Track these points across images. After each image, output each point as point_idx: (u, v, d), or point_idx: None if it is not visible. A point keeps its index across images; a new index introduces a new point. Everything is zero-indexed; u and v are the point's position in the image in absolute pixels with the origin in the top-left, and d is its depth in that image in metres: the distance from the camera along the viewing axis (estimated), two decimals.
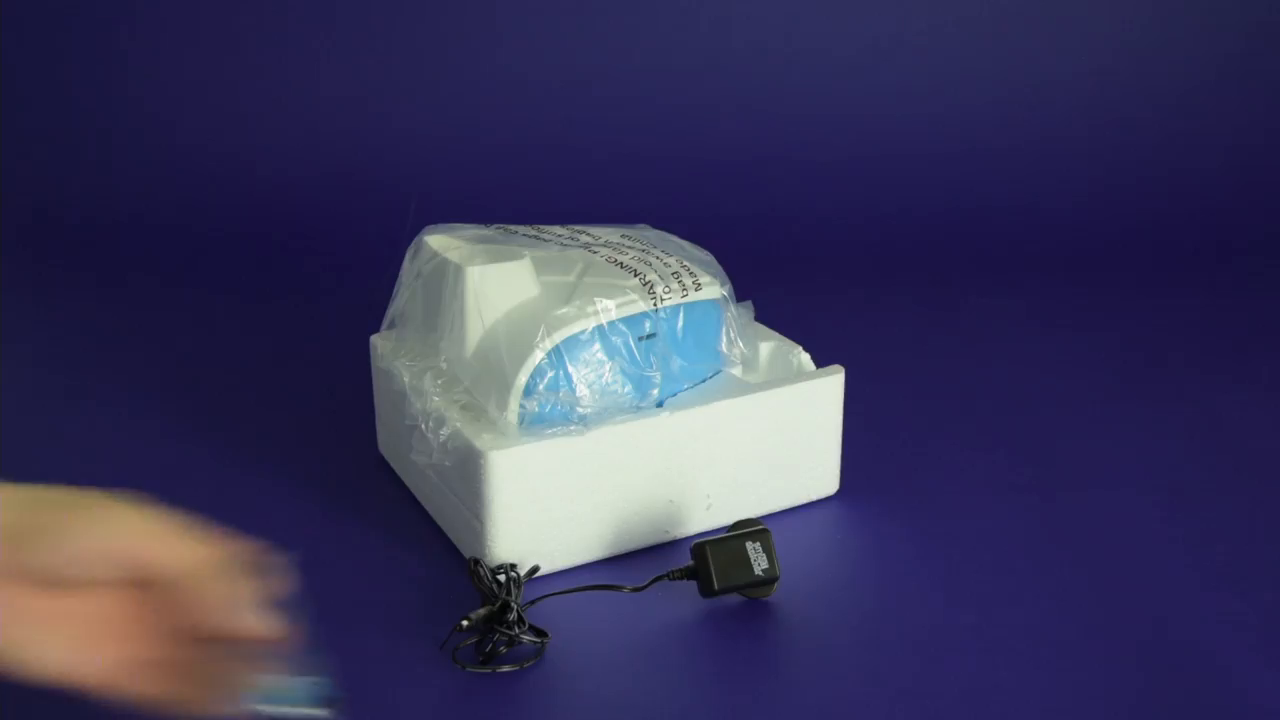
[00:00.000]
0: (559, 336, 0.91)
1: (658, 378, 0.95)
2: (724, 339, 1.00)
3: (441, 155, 1.86)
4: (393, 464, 1.12)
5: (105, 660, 0.62)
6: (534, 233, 1.05)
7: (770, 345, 1.08)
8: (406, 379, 0.99)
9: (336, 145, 1.87)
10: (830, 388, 1.03)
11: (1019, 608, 0.93)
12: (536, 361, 0.90)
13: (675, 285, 0.96)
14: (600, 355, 0.93)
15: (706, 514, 1.01)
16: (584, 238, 1.04)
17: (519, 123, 1.88)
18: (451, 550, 1.00)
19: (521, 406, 0.91)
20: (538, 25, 1.88)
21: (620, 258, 0.99)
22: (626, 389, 0.94)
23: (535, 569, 0.92)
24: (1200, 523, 1.05)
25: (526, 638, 0.86)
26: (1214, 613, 0.92)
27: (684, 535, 1.00)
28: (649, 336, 0.94)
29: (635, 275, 0.96)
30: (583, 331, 0.92)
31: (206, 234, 1.78)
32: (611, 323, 0.93)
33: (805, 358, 1.06)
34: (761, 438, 1.01)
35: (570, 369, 0.92)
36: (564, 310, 0.92)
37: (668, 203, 1.73)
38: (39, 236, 1.78)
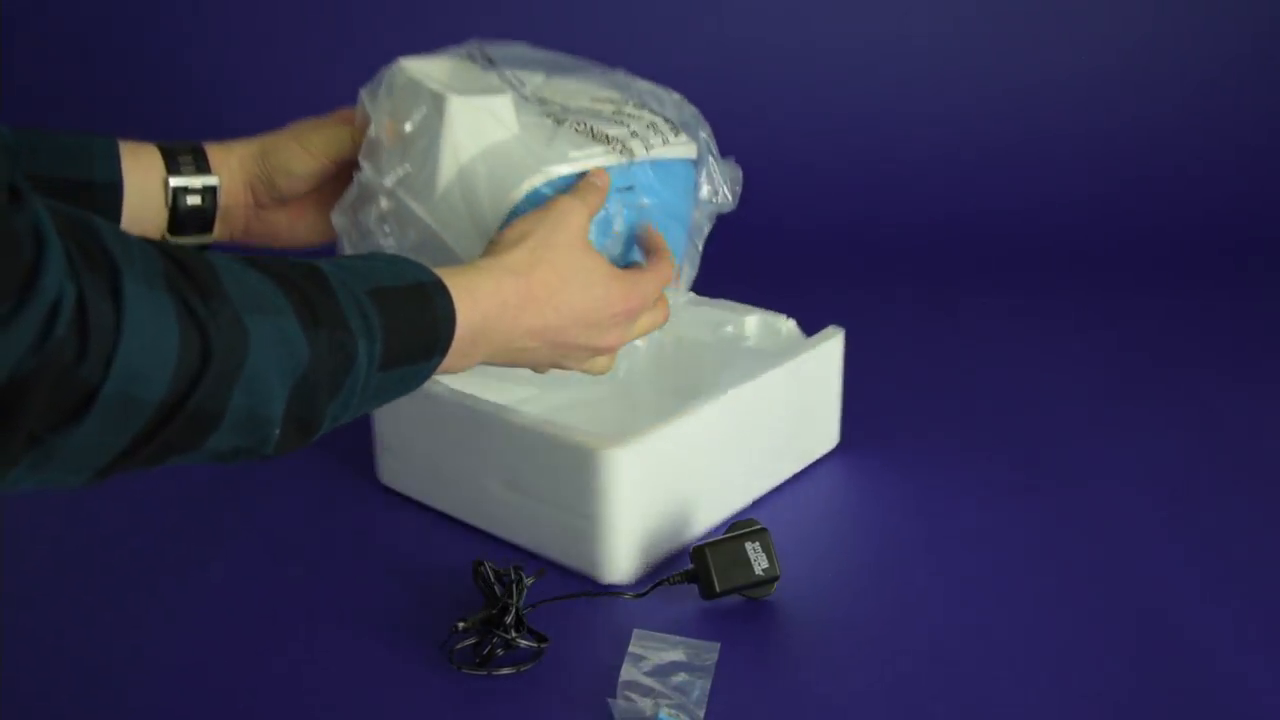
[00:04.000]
0: (551, 174, 0.84)
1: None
2: (705, 187, 0.94)
3: None
4: (407, 489, 1.08)
5: None
6: (512, 77, 0.94)
7: (756, 317, 1.16)
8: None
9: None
10: (834, 349, 1.12)
11: (1018, 609, 0.93)
12: (515, 203, 0.83)
13: (655, 138, 0.89)
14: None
15: (765, 479, 1.09)
16: (559, 94, 0.94)
17: None
18: (452, 549, 1.00)
19: None
20: (538, 25, 1.88)
21: (599, 108, 0.92)
22: (605, 241, 0.87)
23: (541, 571, 0.92)
24: (1201, 521, 1.05)
25: (524, 641, 0.85)
26: (1214, 612, 0.92)
27: (762, 494, 1.09)
28: (628, 189, 0.87)
29: (617, 124, 0.89)
30: (571, 175, 0.84)
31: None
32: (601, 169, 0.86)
33: (792, 325, 1.15)
34: (792, 403, 1.08)
35: None
36: (551, 150, 0.85)
37: None
38: None
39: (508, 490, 0.99)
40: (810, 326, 1.15)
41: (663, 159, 0.89)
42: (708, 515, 1.02)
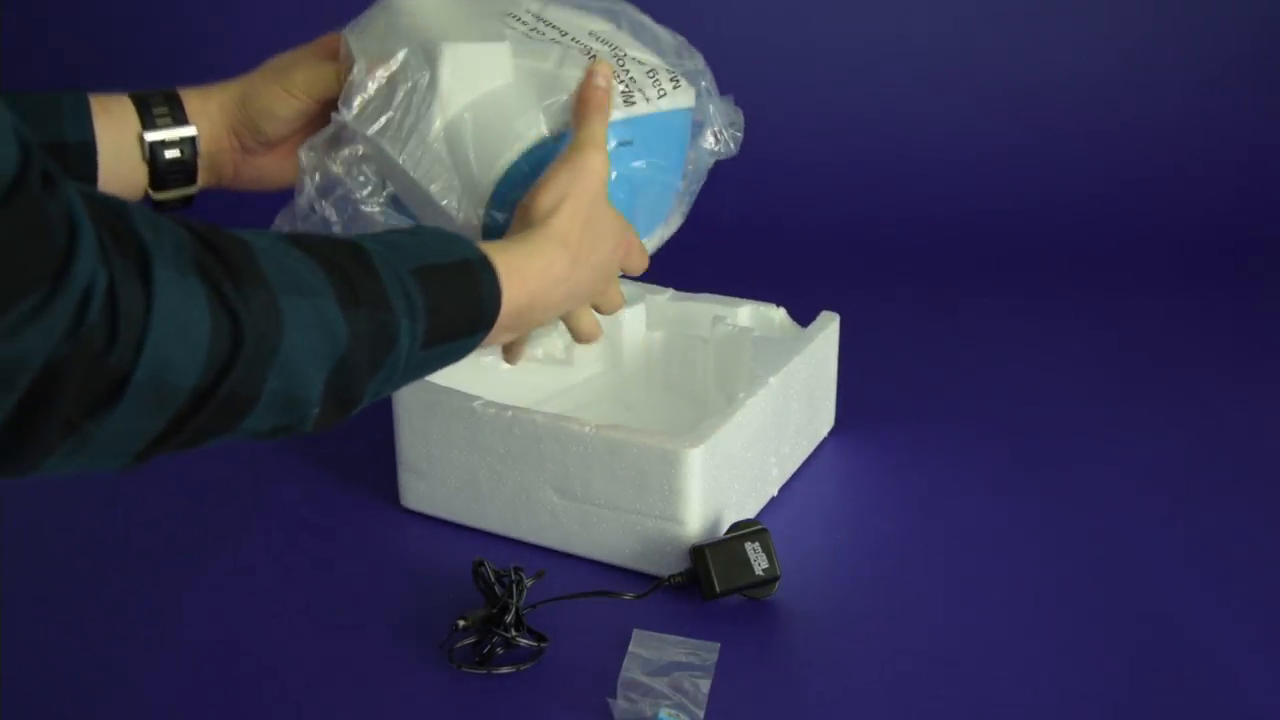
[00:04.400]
0: (545, 133, 0.79)
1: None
2: (708, 135, 0.89)
3: None
4: (435, 511, 1.06)
5: None
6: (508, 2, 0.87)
7: (748, 309, 1.19)
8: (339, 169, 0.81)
9: None
10: (833, 334, 1.16)
11: (1017, 609, 0.93)
12: (510, 161, 0.78)
13: (652, 89, 0.83)
14: None
15: (790, 463, 1.12)
16: (552, 31, 0.86)
17: None
18: (454, 551, 1.00)
19: (490, 216, 0.79)
20: None
21: (596, 47, 0.84)
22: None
23: (541, 572, 0.92)
24: (1201, 521, 1.05)
25: (524, 641, 0.85)
26: (1214, 612, 0.92)
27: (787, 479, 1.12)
28: (626, 144, 0.81)
29: (615, 69, 0.83)
30: (568, 132, 0.79)
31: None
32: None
33: (783, 313, 1.19)
34: (806, 387, 1.11)
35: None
36: (547, 106, 0.79)
37: None
38: None
39: (564, 499, 0.99)
40: (807, 325, 1.16)
41: (661, 112, 0.83)
42: (753, 504, 1.04)
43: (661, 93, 0.83)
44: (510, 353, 0.81)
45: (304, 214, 0.80)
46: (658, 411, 1.17)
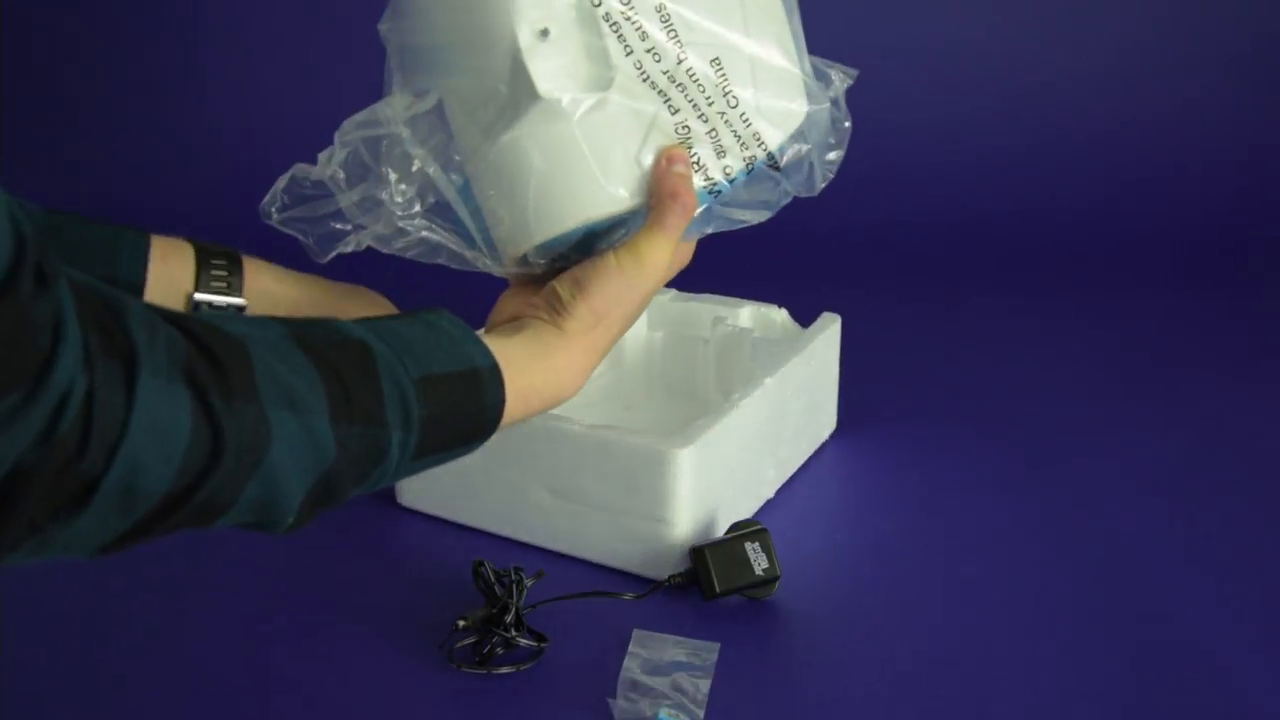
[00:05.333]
0: (619, 209, 0.69)
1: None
2: (794, 180, 0.74)
3: None
4: (430, 509, 1.06)
5: None
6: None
7: (748, 309, 1.19)
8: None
9: None
10: (834, 334, 1.16)
11: (1017, 610, 0.93)
12: (570, 229, 0.68)
13: (751, 145, 0.70)
14: None
15: (788, 465, 1.12)
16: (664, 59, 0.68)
17: None
18: (453, 551, 1.00)
19: (525, 260, 0.70)
20: None
21: (706, 72, 0.69)
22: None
23: (541, 572, 0.92)
24: (1201, 521, 1.05)
25: (523, 641, 0.86)
26: (1214, 611, 0.92)
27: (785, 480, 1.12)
28: (703, 209, 0.71)
29: (713, 112, 0.69)
30: (635, 214, 0.69)
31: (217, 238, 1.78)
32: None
33: (784, 314, 1.19)
34: (805, 388, 1.11)
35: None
36: (624, 178, 0.68)
37: None
38: None
39: (555, 499, 0.98)
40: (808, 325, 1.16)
41: (751, 170, 0.72)
42: (747, 507, 1.04)
43: (757, 149, 0.71)
44: None
45: (325, 179, 0.70)
46: (657, 412, 1.17)
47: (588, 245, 0.70)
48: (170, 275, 0.74)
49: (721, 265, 1.05)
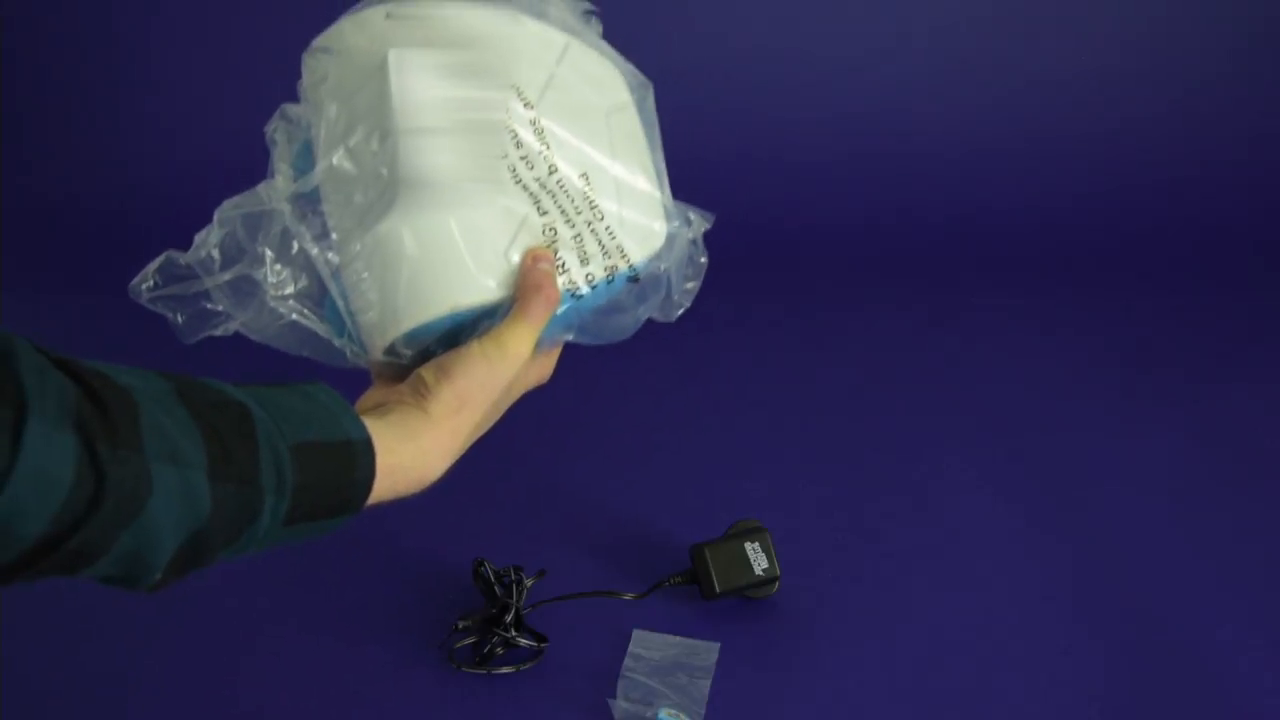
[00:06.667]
0: (481, 299, 0.71)
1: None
2: (654, 302, 0.77)
3: None
4: None
5: None
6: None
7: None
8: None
9: None
10: None
11: (1017, 609, 0.93)
12: (437, 316, 0.70)
13: (614, 255, 0.74)
14: None
15: None
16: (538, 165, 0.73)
17: None
18: (455, 550, 1.00)
19: (393, 349, 0.72)
20: None
21: (570, 176, 0.73)
22: None
23: (542, 572, 0.92)
24: (1201, 521, 1.05)
25: (524, 641, 0.86)
26: (1214, 612, 0.92)
27: None
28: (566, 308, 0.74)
29: (579, 219, 0.73)
30: (502, 306, 0.71)
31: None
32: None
33: None
34: None
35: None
36: (496, 266, 0.71)
37: None
38: (44, 238, 1.78)
39: None
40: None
41: (612, 281, 0.74)
42: None
43: (620, 262, 0.74)
44: None
45: (199, 261, 0.71)
46: None
47: (453, 339, 0.72)
48: None
49: (722, 265, 1.05)
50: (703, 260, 0.78)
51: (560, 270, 0.72)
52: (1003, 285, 1.63)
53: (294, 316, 0.72)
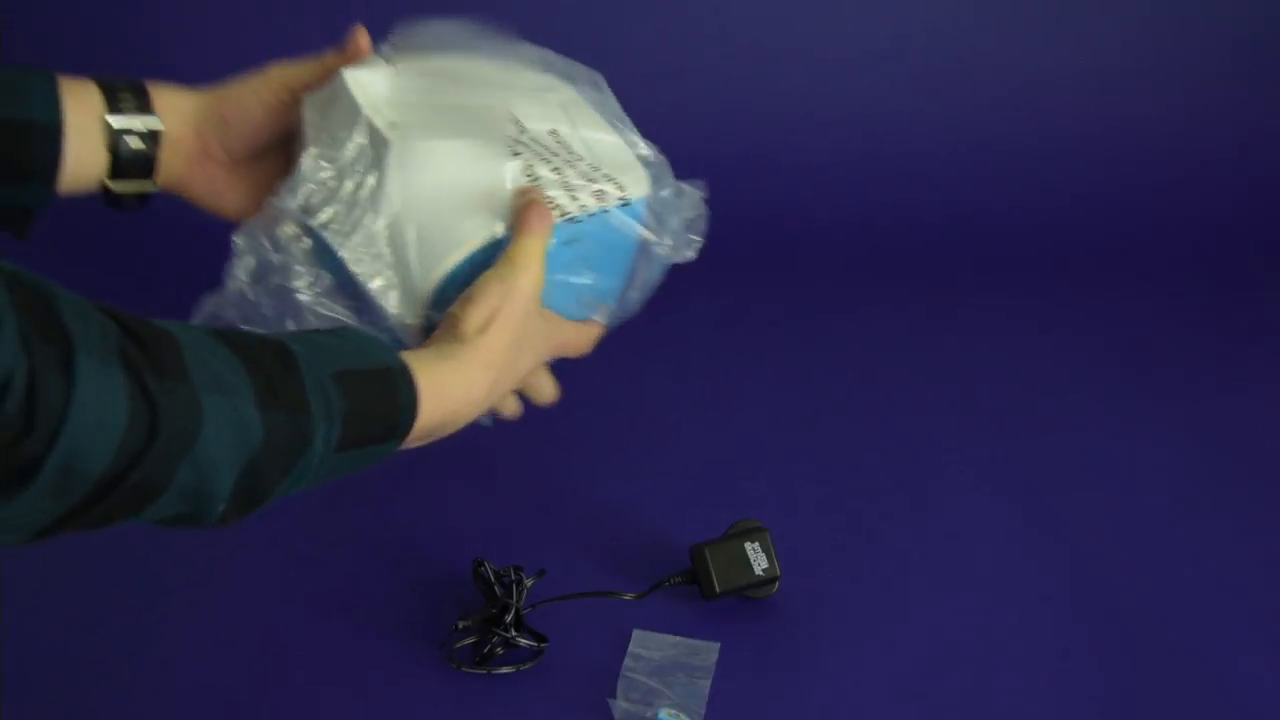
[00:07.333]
0: (493, 236, 0.75)
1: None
2: (664, 241, 0.82)
3: None
4: None
5: None
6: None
7: None
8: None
9: None
10: None
11: (1018, 609, 0.93)
12: (454, 265, 0.75)
13: (597, 189, 0.78)
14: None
15: None
16: (511, 127, 0.80)
17: None
18: (455, 550, 1.00)
19: (430, 317, 0.76)
20: (537, 26, 1.88)
21: (539, 130, 0.80)
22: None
23: (542, 572, 0.92)
24: (1200, 521, 1.05)
25: (524, 641, 0.86)
26: (1214, 612, 0.92)
27: None
28: (567, 244, 0.78)
29: (562, 162, 0.79)
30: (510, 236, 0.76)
31: (222, 241, 1.78)
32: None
33: None
34: None
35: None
36: (496, 203, 0.76)
37: None
38: (43, 238, 1.78)
39: None
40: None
41: (605, 211, 0.78)
42: None
43: (609, 191, 0.79)
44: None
45: (235, 299, 0.77)
46: None
47: None
48: (83, 106, 0.75)
49: (717, 263, 1.05)
50: (701, 197, 0.82)
51: (550, 205, 0.76)
52: (1002, 285, 1.63)
53: (320, 312, 0.76)
